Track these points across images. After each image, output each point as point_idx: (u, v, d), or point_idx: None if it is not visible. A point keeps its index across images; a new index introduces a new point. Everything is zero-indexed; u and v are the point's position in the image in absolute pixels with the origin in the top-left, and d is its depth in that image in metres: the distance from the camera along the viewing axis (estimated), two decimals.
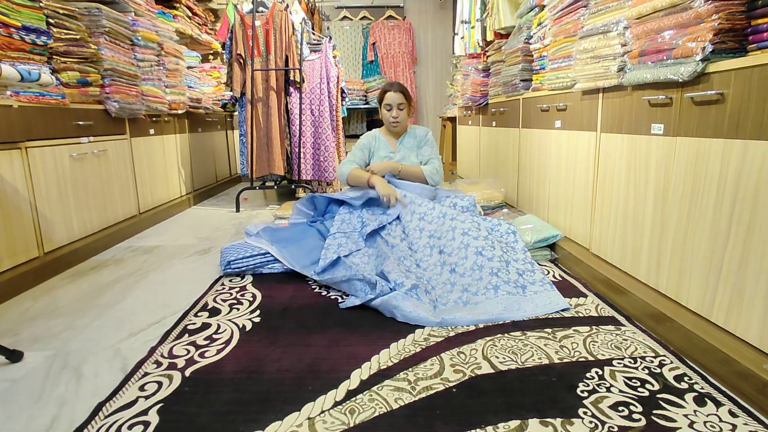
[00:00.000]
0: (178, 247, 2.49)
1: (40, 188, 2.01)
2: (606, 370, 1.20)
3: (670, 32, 1.33)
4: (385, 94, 2.31)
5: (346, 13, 5.79)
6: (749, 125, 1.10)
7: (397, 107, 2.30)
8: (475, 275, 1.69)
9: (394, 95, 2.29)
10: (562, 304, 1.58)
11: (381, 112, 2.37)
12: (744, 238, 1.13)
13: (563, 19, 2.05)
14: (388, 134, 2.42)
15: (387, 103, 2.31)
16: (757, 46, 1.12)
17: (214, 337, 1.42)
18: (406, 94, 2.32)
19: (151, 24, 2.98)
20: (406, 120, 2.37)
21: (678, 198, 1.36)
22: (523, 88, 2.65)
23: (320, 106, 3.60)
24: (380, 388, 1.14)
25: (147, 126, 3.06)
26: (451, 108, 4.88)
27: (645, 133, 1.51)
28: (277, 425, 1.01)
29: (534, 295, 1.65)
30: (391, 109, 2.31)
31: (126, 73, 2.63)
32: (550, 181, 2.34)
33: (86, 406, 1.09)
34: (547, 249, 2.15)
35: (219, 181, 4.56)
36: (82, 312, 1.65)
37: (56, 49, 2.09)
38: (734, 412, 1.03)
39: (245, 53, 3.37)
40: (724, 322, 1.20)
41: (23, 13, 1.88)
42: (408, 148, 2.39)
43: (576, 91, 1.97)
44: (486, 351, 1.31)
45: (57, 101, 2.11)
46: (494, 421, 1.01)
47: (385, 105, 2.32)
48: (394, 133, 2.40)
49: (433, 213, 1.99)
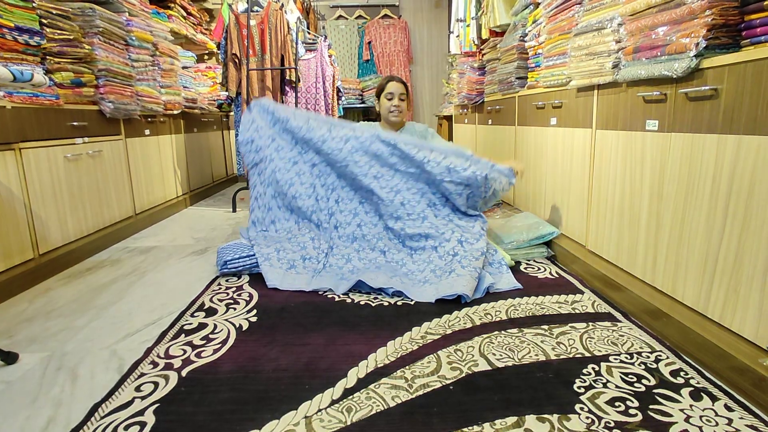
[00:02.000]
0: (174, 248, 2.48)
1: (35, 189, 2.00)
2: (602, 366, 1.21)
3: (664, 28, 1.33)
4: (387, 84, 2.28)
5: (342, 12, 5.78)
6: (743, 120, 1.11)
7: (399, 97, 2.27)
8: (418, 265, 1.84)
9: (396, 85, 2.27)
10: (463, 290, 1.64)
11: (380, 103, 2.33)
12: (739, 233, 1.13)
13: (558, 16, 2.05)
14: (387, 127, 2.35)
15: (389, 92, 2.27)
16: (750, 41, 1.12)
17: (211, 337, 1.42)
18: (407, 88, 2.31)
19: (146, 24, 2.97)
20: (406, 113, 2.34)
21: (673, 194, 1.36)
22: (519, 86, 2.65)
23: (316, 106, 3.59)
24: (377, 386, 1.14)
25: (142, 126, 3.05)
26: (447, 106, 4.88)
27: (640, 129, 1.52)
28: (274, 424, 1.01)
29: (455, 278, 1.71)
30: (393, 98, 2.27)
31: (120, 73, 2.62)
32: (546, 178, 2.34)
33: (82, 407, 1.09)
34: (544, 246, 2.16)
35: (215, 181, 4.55)
36: (78, 313, 1.65)
37: (50, 50, 2.08)
38: (730, 407, 1.03)
39: (240, 53, 3.36)
40: (719, 317, 1.20)
41: (16, 13, 1.86)
42: None
43: (571, 89, 1.97)
44: (483, 348, 1.31)
45: (51, 102, 2.10)
46: (491, 417, 1.01)
47: (386, 94, 2.28)
48: (393, 125, 2.34)
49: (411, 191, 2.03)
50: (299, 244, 2.02)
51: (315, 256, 1.97)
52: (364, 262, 1.92)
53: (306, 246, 2.01)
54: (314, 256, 1.96)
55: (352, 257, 1.94)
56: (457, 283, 1.67)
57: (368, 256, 1.94)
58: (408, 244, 1.93)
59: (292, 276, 1.87)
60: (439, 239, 1.88)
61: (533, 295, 1.68)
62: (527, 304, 1.61)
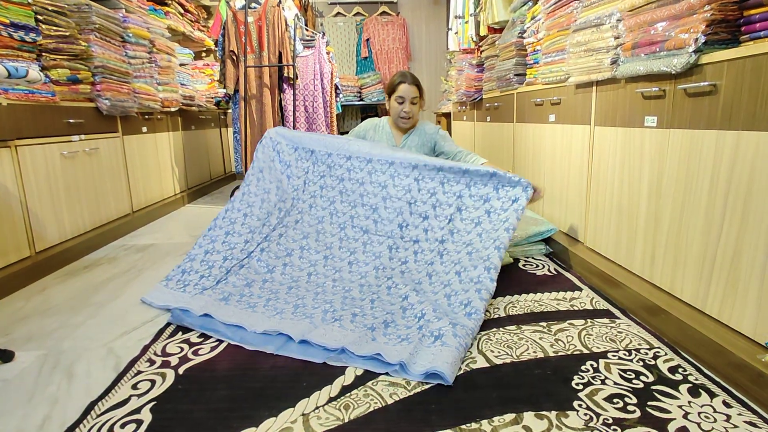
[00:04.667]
0: (172, 246, 2.48)
1: (31, 187, 1.99)
2: (601, 362, 1.20)
3: (663, 24, 1.33)
4: (398, 86, 2.05)
5: (340, 9, 5.76)
6: (742, 116, 1.10)
7: (410, 101, 2.05)
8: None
9: (408, 88, 2.04)
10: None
11: (390, 104, 2.13)
12: (737, 229, 1.13)
13: (557, 12, 2.04)
14: (395, 127, 2.20)
15: (399, 95, 2.05)
16: (749, 36, 1.12)
17: (208, 335, 1.41)
18: (420, 88, 2.09)
19: (142, 21, 2.95)
20: (418, 115, 2.15)
21: (672, 190, 1.36)
22: (517, 83, 2.64)
23: (314, 103, 3.58)
24: (375, 384, 1.14)
25: (139, 124, 3.03)
26: (446, 104, 4.87)
27: (638, 125, 1.51)
28: (271, 422, 1.00)
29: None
30: (403, 103, 2.05)
31: (117, 70, 2.60)
32: (544, 175, 2.34)
33: (78, 405, 1.08)
34: (542, 243, 2.15)
35: (213, 178, 4.53)
36: (75, 311, 1.64)
37: (45, 46, 2.06)
38: (728, 403, 1.03)
39: (238, 50, 3.35)
40: (718, 313, 1.20)
41: (11, 9, 1.85)
42: (413, 146, 2.16)
43: (570, 85, 1.96)
44: (481, 345, 1.31)
45: (47, 99, 2.09)
46: (490, 414, 1.01)
47: (396, 97, 2.06)
48: (401, 129, 2.18)
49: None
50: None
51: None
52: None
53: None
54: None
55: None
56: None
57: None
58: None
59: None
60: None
61: (531, 292, 1.68)
62: (525, 301, 1.60)
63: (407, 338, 1.30)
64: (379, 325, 1.36)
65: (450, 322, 1.32)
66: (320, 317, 1.43)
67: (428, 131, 2.17)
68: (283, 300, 1.57)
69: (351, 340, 1.28)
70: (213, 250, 1.88)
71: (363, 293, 1.59)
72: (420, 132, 2.17)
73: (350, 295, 1.59)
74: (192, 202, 3.82)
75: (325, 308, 1.48)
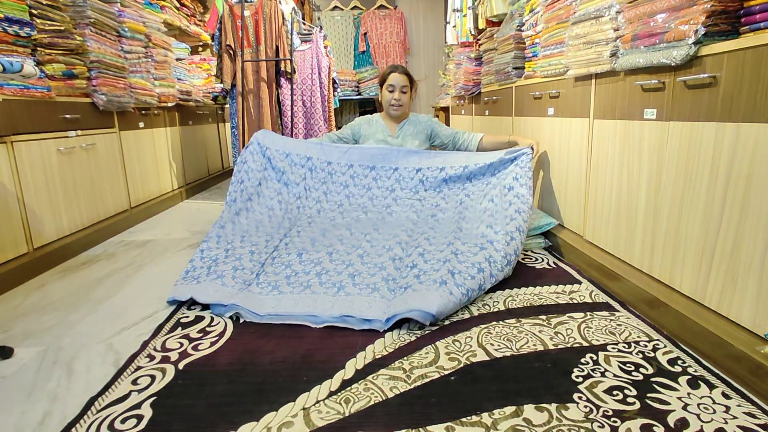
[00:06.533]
0: (170, 241, 2.47)
1: (28, 183, 1.98)
2: (600, 355, 1.21)
3: (663, 15, 1.32)
4: (389, 75, 2.20)
5: (337, 3, 5.72)
6: (742, 108, 1.10)
7: (400, 90, 2.19)
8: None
9: (398, 76, 2.18)
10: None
11: (382, 94, 2.26)
12: (737, 222, 1.13)
13: (555, 5, 2.03)
14: (388, 118, 2.30)
15: (390, 83, 2.19)
16: (749, 28, 1.11)
17: (208, 330, 1.41)
18: (411, 78, 2.23)
19: (138, 15, 2.93)
20: (408, 105, 2.26)
21: (671, 183, 1.36)
22: (516, 76, 2.63)
23: (312, 97, 3.56)
24: (375, 377, 1.14)
25: (136, 119, 3.02)
26: (444, 98, 4.86)
27: (638, 118, 1.51)
28: (272, 416, 1.00)
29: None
30: (394, 91, 2.19)
31: (113, 65, 2.58)
32: (543, 168, 2.34)
33: (78, 401, 1.08)
34: (541, 237, 2.15)
35: (211, 174, 4.52)
36: (74, 307, 1.63)
37: (40, 41, 2.05)
38: (727, 394, 1.03)
39: (235, 44, 3.33)
40: (717, 305, 1.20)
41: (5, 3, 1.83)
42: (409, 134, 2.28)
43: (569, 78, 1.96)
44: (481, 338, 1.31)
45: (43, 94, 2.07)
46: (490, 407, 1.01)
47: (387, 86, 2.21)
48: (395, 118, 2.28)
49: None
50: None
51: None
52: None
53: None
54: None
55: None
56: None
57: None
58: None
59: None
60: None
61: (531, 286, 1.68)
62: (525, 295, 1.60)
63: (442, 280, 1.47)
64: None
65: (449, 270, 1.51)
66: (386, 287, 1.53)
67: (422, 120, 2.30)
68: (334, 271, 1.64)
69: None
70: (233, 248, 1.83)
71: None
72: (414, 121, 2.29)
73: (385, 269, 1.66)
74: (190, 198, 3.81)
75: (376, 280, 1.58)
